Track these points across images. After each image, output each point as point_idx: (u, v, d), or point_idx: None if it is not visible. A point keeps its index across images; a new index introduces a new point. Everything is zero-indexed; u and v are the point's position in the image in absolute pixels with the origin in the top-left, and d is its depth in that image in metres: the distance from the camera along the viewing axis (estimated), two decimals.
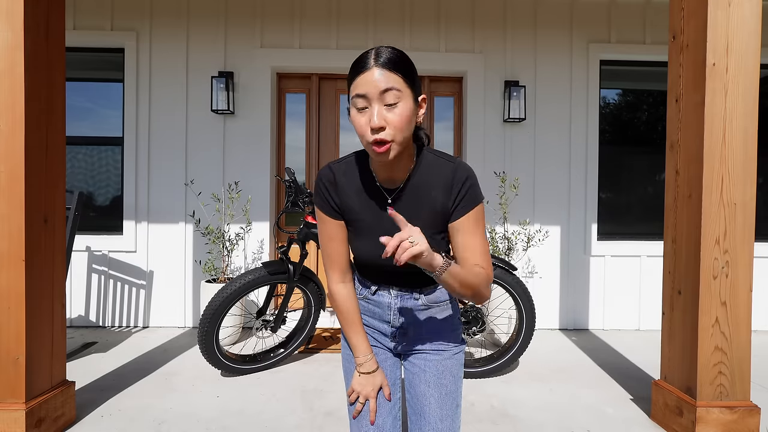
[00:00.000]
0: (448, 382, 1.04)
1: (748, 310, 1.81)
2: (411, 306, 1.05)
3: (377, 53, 0.85)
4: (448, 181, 0.94)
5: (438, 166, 0.96)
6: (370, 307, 1.09)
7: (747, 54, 1.78)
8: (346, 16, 3.43)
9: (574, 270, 3.48)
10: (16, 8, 1.66)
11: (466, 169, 0.95)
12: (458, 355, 1.07)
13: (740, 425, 1.80)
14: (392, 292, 1.05)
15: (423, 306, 1.05)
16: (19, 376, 1.69)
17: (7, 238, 1.67)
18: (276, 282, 2.44)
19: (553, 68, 3.47)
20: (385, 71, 0.83)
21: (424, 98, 0.92)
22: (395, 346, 1.09)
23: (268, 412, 2.05)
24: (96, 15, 3.34)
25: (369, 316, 1.10)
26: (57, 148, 1.87)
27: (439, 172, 0.95)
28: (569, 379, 2.48)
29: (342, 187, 0.99)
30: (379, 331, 1.09)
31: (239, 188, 3.38)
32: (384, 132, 0.84)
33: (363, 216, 0.99)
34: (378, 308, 1.07)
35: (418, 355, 1.07)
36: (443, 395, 1.02)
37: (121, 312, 3.39)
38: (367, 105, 0.85)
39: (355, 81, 0.86)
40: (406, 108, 0.85)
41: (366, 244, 0.99)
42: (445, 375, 1.04)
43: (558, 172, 3.47)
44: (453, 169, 0.94)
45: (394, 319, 1.06)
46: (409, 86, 0.86)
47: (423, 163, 0.97)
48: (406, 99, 0.85)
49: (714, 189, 1.80)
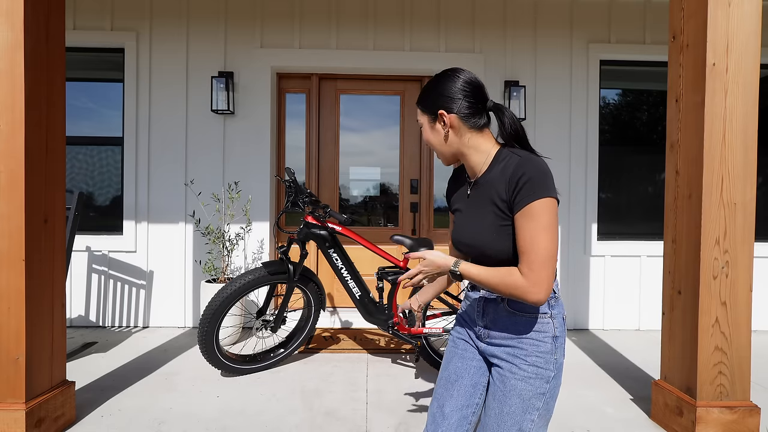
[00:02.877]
0: (513, 402, 0.99)
1: (748, 310, 1.81)
2: (494, 308, 1.06)
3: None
4: (510, 173, 0.96)
5: (508, 159, 0.99)
6: (467, 303, 1.15)
7: (747, 54, 1.78)
8: (345, 16, 3.42)
9: (574, 270, 3.48)
10: (16, 8, 1.66)
11: (531, 163, 0.94)
12: (535, 381, 0.99)
13: (740, 425, 1.80)
14: (481, 291, 1.09)
15: (506, 312, 1.04)
16: (19, 376, 1.69)
17: (7, 238, 1.67)
18: (276, 282, 2.44)
19: (553, 68, 3.47)
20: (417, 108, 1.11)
21: (442, 113, 1.03)
22: (482, 346, 1.09)
23: (268, 412, 2.05)
24: (96, 15, 3.34)
25: (467, 313, 1.15)
26: (57, 148, 1.87)
27: (506, 165, 0.98)
28: (569, 379, 2.48)
29: (453, 182, 1.19)
30: (472, 328, 1.13)
31: (239, 188, 3.38)
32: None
33: (458, 206, 1.14)
34: (471, 306, 1.12)
35: (497, 367, 1.05)
36: (504, 414, 1.00)
37: (121, 312, 3.39)
38: None
39: None
40: (426, 132, 1.09)
41: (456, 229, 1.12)
42: (511, 395, 0.99)
43: (558, 171, 3.47)
44: (517, 162, 0.96)
45: (479, 318, 1.09)
46: (424, 113, 1.08)
47: (498, 159, 1.02)
48: (424, 125, 1.09)
49: (714, 189, 1.79)
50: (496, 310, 1.05)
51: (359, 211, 3.71)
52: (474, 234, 1.04)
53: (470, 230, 1.06)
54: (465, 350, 1.12)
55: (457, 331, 1.17)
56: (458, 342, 1.15)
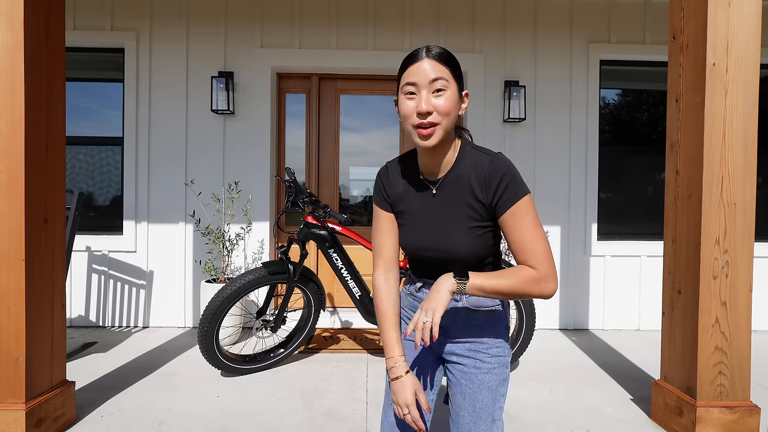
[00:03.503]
0: (483, 396, 1.01)
1: (748, 310, 1.81)
2: (452, 307, 1.03)
3: (428, 48, 0.94)
4: (484, 174, 0.95)
5: (477, 159, 0.98)
6: (415, 304, 1.10)
7: (747, 54, 1.78)
8: (346, 16, 3.43)
9: (574, 270, 3.48)
10: (16, 8, 1.66)
11: (504, 163, 0.95)
12: (498, 370, 1.03)
13: (740, 425, 1.80)
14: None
15: (464, 309, 1.03)
16: (19, 376, 1.69)
17: (7, 238, 1.67)
18: (276, 282, 2.44)
19: (553, 68, 3.47)
20: (435, 62, 0.92)
21: (467, 93, 0.99)
22: (436, 346, 1.08)
23: (268, 412, 2.05)
24: (96, 15, 3.34)
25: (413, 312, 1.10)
26: (57, 148, 1.87)
27: (476, 164, 0.97)
28: (569, 379, 2.48)
29: (393, 180, 1.08)
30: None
31: (239, 188, 3.38)
32: (431, 116, 0.92)
33: (409, 207, 1.05)
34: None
35: (458, 365, 1.05)
36: (477, 410, 1.01)
37: (121, 312, 3.39)
38: (416, 92, 0.93)
39: (406, 71, 0.94)
40: (452, 96, 0.93)
41: (410, 233, 1.05)
42: (481, 389, 1.01)
43: (558, 172, 3.47)
44: (489, 162, 0.95)
45: None
46: (455, 79, 0.94)
47: (464, 156, 1.00)
48: (452, 89, 0.93)
49: (714, 189, 1.79)
50: (456, 311, 1.03)
51: (359, 211, 3.71)
52: (443, 237, 0.99)
53: (437, 233, 1.00)
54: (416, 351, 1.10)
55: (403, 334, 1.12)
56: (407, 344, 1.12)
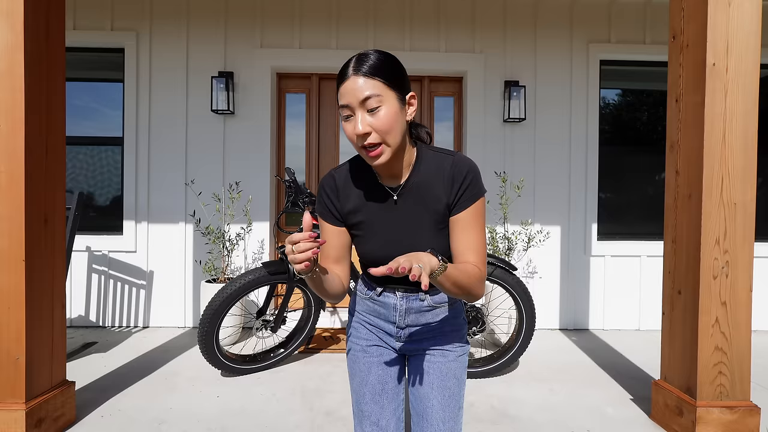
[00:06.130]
0: (451, 384, 1.04)
1: (748, 310, 1.81)
2: (416, 307, 1.05)
3: (357, 61, 0.86)
4: (448, 175, 0.94)
5: (438, 161, 0.96)
6: (375, 308, 1.08)
7: (747, 54, 1.78)
8: (346, 16, 3.43)
9: (574, 270, 3.48)
10: (16, 8, 1.65)
11: (466, 163, 0.94)
12: (462, 358, 1.07)
13: (740, 425, 1.80)
14: (398, 293, 1.05)
15: (428, 307, 1.05)
16: (19, 376, 1.69)
17: (7, 238, 1.67)
18: (276, 282, 2.44)
19: (553, 68, 3.47)
20: (364, 78, 0.85)
21: (413, 95, 0.92)
22: (400, 346, 1.09)
23: (268, 411, 2.05)
24: (96, 15, 3.34)
25: (375, 317, 1.09)
26: (57, 148, 1.87)
27: (438, 166, 0.96)
28: (569, 379, 2.48)
29: (344, 192, 1.00)
30: (384, 331, 1.09)
31: (239, 188, 3.38)
32: (371, 136, 0.86)
33: (368, 217, 0.99)
34: (383, 309, 1.07)
35: (422, 356, 1.07)
36: (446, 398, 1.02)
37: (121, 312, 3.39)
38: (352, 113, 0.87)
39: (339, 91, 0.88)
40: (390, 111, 0.86)
41: (373, 244, 0.99)
42: (448, 377, 1.04)
43: (558, 172, 3.47)
44: (452, 162, 0.95)
45: (400, 319, 1.06)
46: (391, 88, 0.87)
47: (423, 159, 0.97)
48: (388, 102, 0.86)
49: (714, 189, 1.79)
50: (420, 308, 1.04)
51: None
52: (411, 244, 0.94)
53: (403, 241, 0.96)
54: (381, 355, 1.08)
55: (364, 339, 1.09)
56: (370, 350, 1.08)
